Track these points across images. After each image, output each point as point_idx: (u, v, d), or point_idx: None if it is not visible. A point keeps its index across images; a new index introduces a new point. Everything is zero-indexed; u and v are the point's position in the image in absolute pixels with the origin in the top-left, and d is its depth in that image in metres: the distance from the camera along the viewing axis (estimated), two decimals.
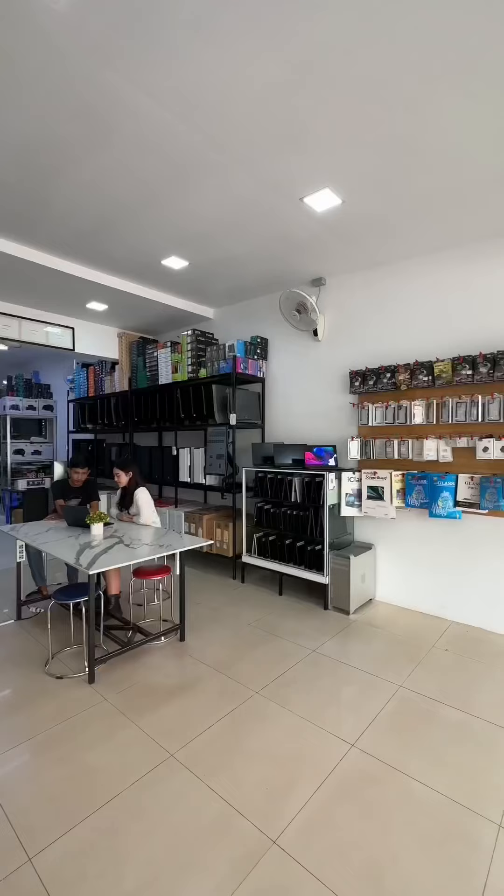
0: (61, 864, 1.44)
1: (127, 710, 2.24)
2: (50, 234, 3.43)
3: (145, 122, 2.18)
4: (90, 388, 6.33)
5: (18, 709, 2.26)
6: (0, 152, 2.44)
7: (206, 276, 4.26)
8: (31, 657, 2.78)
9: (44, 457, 7.89)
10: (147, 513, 3.52)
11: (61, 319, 5.32)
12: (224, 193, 2.81)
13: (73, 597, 2.73)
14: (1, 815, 1.63)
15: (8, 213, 3.10)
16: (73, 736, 2.06)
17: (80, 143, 2.35)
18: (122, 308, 5.05)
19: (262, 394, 4.74)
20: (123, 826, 1.58)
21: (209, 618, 3.39)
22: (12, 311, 4.85)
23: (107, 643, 2.90)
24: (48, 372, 8.36)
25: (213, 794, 1.73)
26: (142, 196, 2.86)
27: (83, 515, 3.30)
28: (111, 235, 3.43)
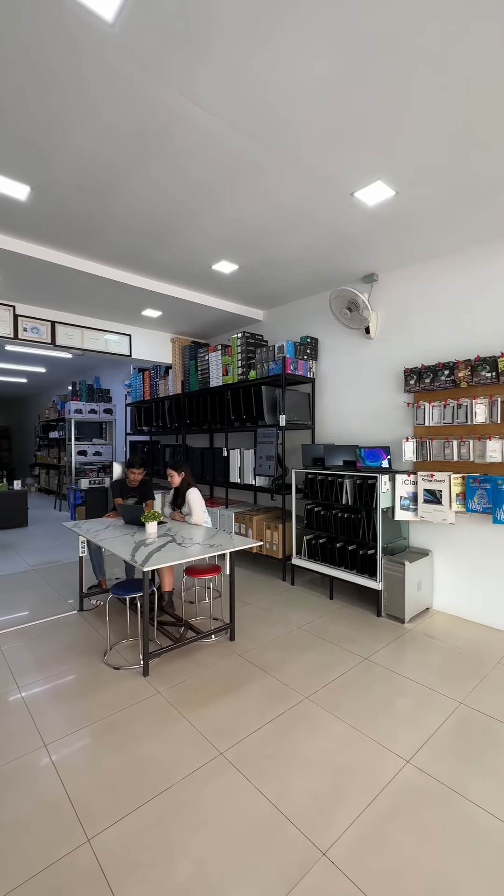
0: (116, 849, 1.50)
1: (179, 705, 2.30)
2: (108, 247, 3.62)
3: (196, 131, 2.24)
4: (145, 392, 6.60)
5: (81, 695, 2.40)
6: (63, 176, 2.62)
7: (256, 279, 4.29)
8: (92, 647, 2.95)
9: (104, 457, 8.35)
10: (198, 513, 3.60)
11: (119, 327, 5.60)
12: (272, 195, 2.81)
13: (129, 591, 2.85)
14: (63, 794, 1.74)
15: (70, 230, 3.31)
16: (129, 725, 2.15)
17: (135, 159, 2.46)
18: (175, 314, 5.21)
19: (311, 394, 4.68)
20: (174, 819, 1.63)
21: (258, 618, 3.40)
22: (76, 321, 5.19)
23: (160, 638, 3.01)
24: (108, 377, 8.83)
25: (262, 798, 1.72)
26: (192, 204, 2.94)
27: (139, 514, 3.44)
28: (164, 244, 3.55)
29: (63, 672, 2.64)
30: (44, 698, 2.37)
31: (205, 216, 3.09)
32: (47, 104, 2.06)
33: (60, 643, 3.00)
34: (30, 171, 2.58)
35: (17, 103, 2.06)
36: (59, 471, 9.63)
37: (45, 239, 3.47)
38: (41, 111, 2.11)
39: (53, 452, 10.09)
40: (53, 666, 2.71)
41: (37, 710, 2.27)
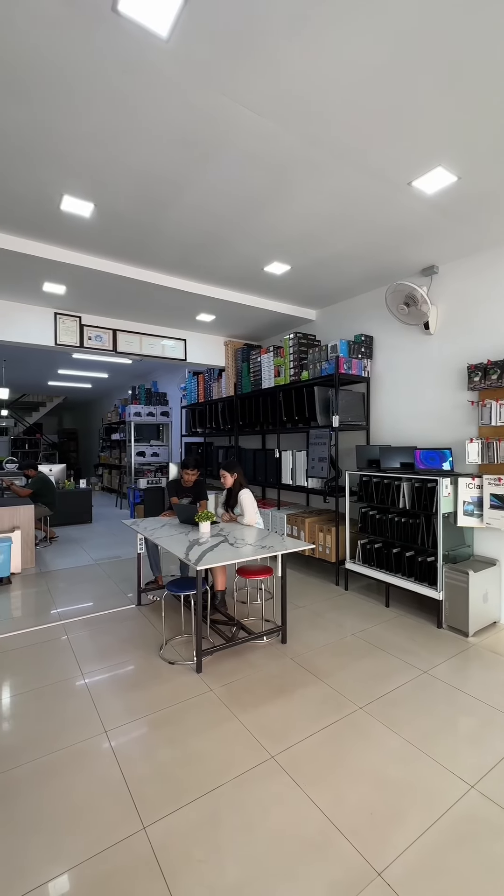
0: (170, 840, 1.54)
1: (230, 704, 2.33)
2: (164, 256, 3.76)
3: (247, 135, 2.25)
4: (200, 395, 6.77)
5: (138, 686, 2.50)
6: (123, 191, 2.75)
7: (308, 278, 4.24)
8: (148, 640, 3.07)
9: (161, 458, 8.68)
10: (250, 513, 3.62)
11: (175, 332, 5.80)
12: (324, 192, 2.76)
13: (183, 589, 2.93)
14: (121, 780, 1.82)
15: (127, 242, 3.48)
16: (183, 720, 2.20)
17: (188, 167, 2.53)
18: (228, 317, 5.30)
19: (366, 394, 4.54)
20: (224, 818, 1.64)
21: (311, 623, 3.35)
22: (134, 328, 5.44)
23: (213, 636, 3.06)
24: (165, 381, 9.18)
25: (314, 807, 1.69)
26: (243, 208, 2.96)
27: (193, 513, 3.53)
28: (216, 250, 3.62)
29: (122, 663, 2.77)
30: (104, 686, 2.50)
31: (256, 219, 3.11)
32: (107, 123, 2.18)
33: (120, 635, 3.16)
34: (93, 189, 2.75)
35: (80, 125, 2.21)
36: (120, 471, 10.16)
37: (106, 252, 3.68)
38: (102, 131, 2.24)
39: (115, 453, 10.67)
40: (113, 656, 2.85)
41: (98, 696, 2.40)
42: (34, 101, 2.04)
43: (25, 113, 2.11)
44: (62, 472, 7.86)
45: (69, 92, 1.98)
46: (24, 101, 2.04)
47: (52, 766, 1.89)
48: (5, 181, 2.67)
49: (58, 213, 3.03)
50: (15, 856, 1.49)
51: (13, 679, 2.59)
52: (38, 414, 14.33)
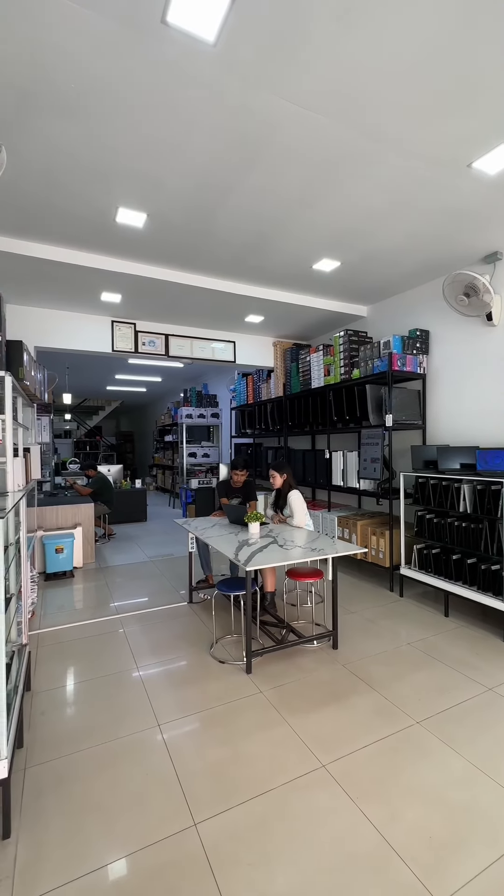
0: (220, 841, 1.55)
1: (280, 707, 2.30)
2: (213, 260, 3.82)
3: (295, 131, 2.22)
4: (249, 396, 6.81)
5: (189, 683, 2.55)
6: (173, 199, 2.83)
7: (359, 274, 4.12)
8: (199, 638, 3.12)
9: (211, 459, 8.84)
10: (300, 515, 3.57)
11: (224, 335, 5.88)
12: (375, 182, 2.66)
13: (232, 589, 2.95)
14: (173, 774, 1.85)
15: (178, 248, 3.57)
16: (232, 720, 2.21)
17: (236, 170, 2.54)
18: (277, 317, 5.28)
19: (422, 391, 4.32)
20: (274, 824, 1.61)
21: (363, 629, 3.23)
22: (185, 332, 5.59)
23: (262, 637, 3.05)
24: (215, 383, 9.35)
25: (367, 823, 1.62)
26: (291, 206, 2.93)
27: (242, 514, 3.55)
28: (265, 250, 3.62)
29: (174, 658, 2.84)
30: (158, 680, 2.58)
31: (304, 217, 3.07)
32: (158, 134, 2.25)
33: (172, 631, 3.24)
34: (146, 199, 2.85)
35: (132, 138, 2.29)
36: (172, 471, 10.49)
37: (159, 260, 3.80)
38: (153, 142, 2.31)
39: (168, 454, 11.03)
40: (166, 652, 2.93)
41: (152, 689, 2.48)
42: (88, 118, 2.15)
43: (80, 131, 2.23)
44: (119, 472, 8.25)
45: (121, 107, 2.07)
46: (79, 120, 2.16)
47: (109, 754, 1.97)
48: (66, 199, 2.84)
49: (113, 225, 3.17)
50: (75, 836, 1.56)
51: (77, 667, 2.75)
52: (98, 417, 15.17)
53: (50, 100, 2.02)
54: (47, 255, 3.53)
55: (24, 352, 2.97)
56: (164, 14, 1.60)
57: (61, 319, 4.93)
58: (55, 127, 2.19)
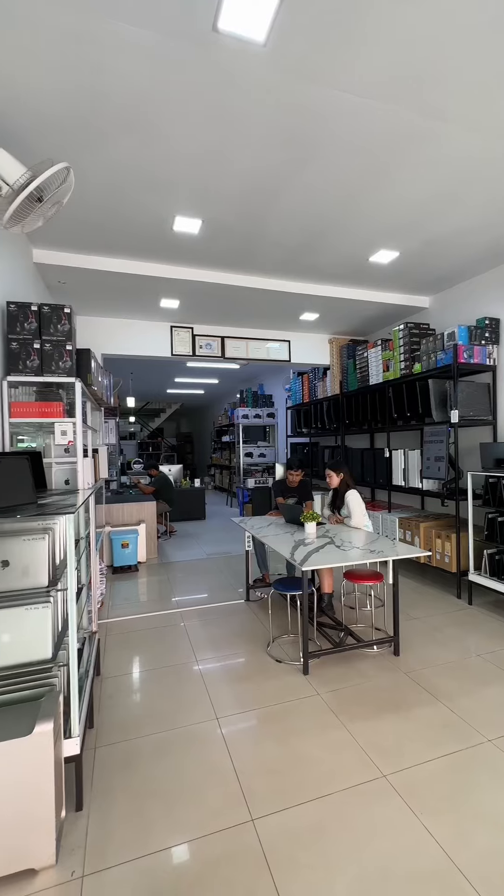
0: (278, 839, 1.54)
1: (338, 711, 2.25)
2: (265, 260, 3.83)
3: (349, 122, 2.17)
4: (304, 395, 6.75)
5: (247, 679, 2.58)
6: (226, 202, 2.88)
7: (420, 263, 3.92)
8: (256, 636, 3.14)
9: (267, 459, 8.87)
10: (358, 515, 3.47)
11: (279, 335, 5.88)
12: (437, 165, 2.52)
13: (289, 589, 2.94)
14: (231, 768, 1.88)
15: (232, 251, 3.63)
16: (289, 720, 2.20)
17: (287, 168, 2.53)
18: (332, 314, 5.18)
19: (492, 384, 4.01)
20: (333, 829, 1.58)
21: (427, 637, 3.07)
22: (240, 333, 5.66)
23: (319, 639, 3.00)
24: (270, 383, 9.38)
25: (432, 840, 1.53)
26: (345, 199, 2.86)
27: (298, 513, 3.52)
28: (318, 247, 3.56)
29: (232, 655, 2.88)
30: (216, 674, 2.64)
31: (359, 209, 2.98)
32: (212, 140, 2.30)
33: (230, 628, 3.30)
34: (201, 205, 2.93)
35: (187, 147, 2.37)
36: (229, 471, 10.68)
37: (213, 264, 3.89)
38: (207, 148, 2.37)
39: (225, 454, 11.25)
40: (224, 647, 2.98)
41: (210, 683, 2.54)
42: (146, 133, 2.25)
43: (139, 146, 2.34)
44: (179, 471, 8.55)
45: (176, 118, 2.14)
46: (137, 136, 2.27)
47: (170, 742, 2.05)
48: (127, 212, 3.00)
49: (171, 233, 3.30)
50: (139, 817, 1.64)
51: (141, 656, 2.90)
52: (160, 420, 15.86)
53: (110, 119, 2.15)
54: (112, 267, 3.75)
55: (91, 359, 3.19)
56: (216, 22, 1.63)
57: (124, 327, 5.22)
58: (116, 144, 2.33)
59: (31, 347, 2.61)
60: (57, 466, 2.81)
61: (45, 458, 2.74)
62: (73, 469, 2.80)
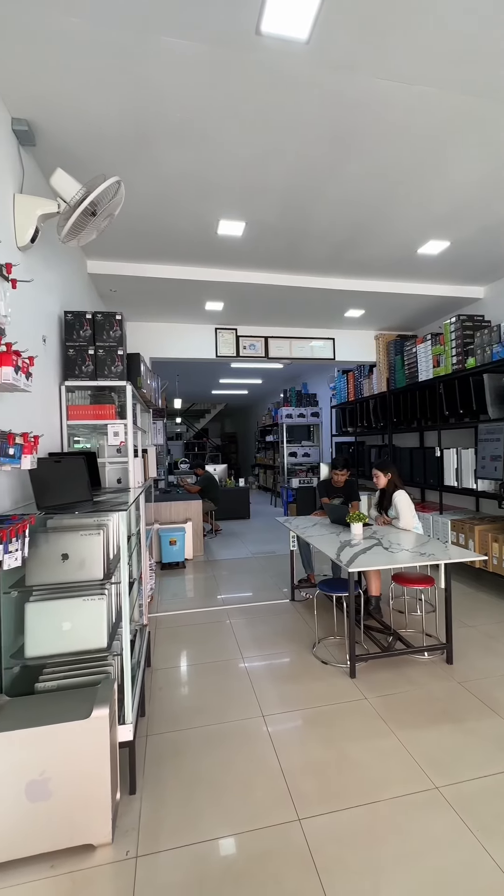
0: (325, 841, 1.53)
1: (387, 718, 2.19)
2: (309, 258, 3.80)
3: (397, 108, 2.11)
4: (349, 393, 6.61)
5: (292, 679, 2.58)
6: (270, 203, 2.89)
7: (474, 252, 3.73)
8: (301, 636, 3.13)
9: (312, 458, 8.79)
10: (407, 517, 3.36)
11: (323, 332, 5.80)
12: (490, 147, 2.38)
13: (335, 590, 2.90)
14: (277, 766, 1.89)
15: (275, 251, 3.63)
16: (336, 723, 2.17)
17: (331, 163, 2.50)
18: (378, 309, 5.04)
19: None
20: (383, 837, 1.54)
21: (483, 646, 2.91)
22: (284, 333, 5.65)
23: (366, 642, 2.93)
24: (314, 382, 9.28)
25: (490, 860, 1.45)
26: (393, 190, 2.78)
27: (343, 514, 3.47)
28: (364, 241, 3.49)
29: (277, 654, 2.89)
30: (261, 673, 2.65)
31: (408, 198, 2.88)
32: (255, 142, 2.32)
33: (275, 627, 3.30)
34: (244, 208, 2.96)
35: (231, 152, 2.40)
36: (273, 470, 10.69)
37: (256, 264, 3.92)
38: (251, 151, 2.39)
39: (269, 454, 11.26)
40: (269, 646, 3.00)
41: (256, 681, 2.56)
42: (191, 142, 2.31)
43: (185, 154, 2.41)
44: (224, 471, 8.68)
45: (220, 124, 2.18)
46: (183, 145, 2.33)
47: (218, 735, 2.10)
48: (174, 220, 3.09)
49: (215, 238, 3.36)
50: (188, 805, 1.69)
51: (188, 650, 2.98)
52: (205, 420, 16.18)
53: (158, 132, 2.23)
54: (159, 273, 3.88)
55: (141, 363, 3.32)
56: (259, 25, 1.64)
57: (171, 331, 5.38)
58: (164, 155, 2.41)
59: (86, 353, 2.77)
60: (110, 466, 2.95)
61: (99, 458, 2.89)
62: (125, 468, 2.93)
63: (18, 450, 1.44)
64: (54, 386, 2.65)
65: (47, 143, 2.26)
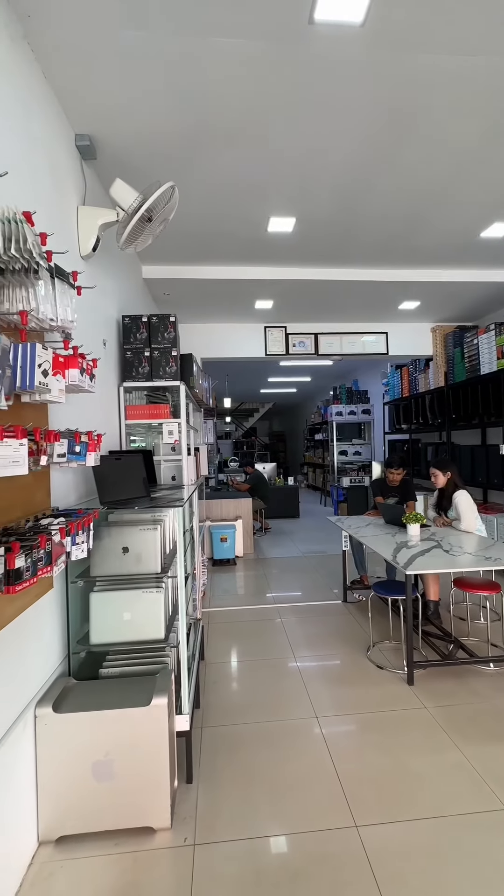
0: (385, 851, 1.47)
1: (450, 730, 2.07)
2: (361, 250, 3.69)
3: (459, 83, 1.99)
4: (404, 389, 6.35)
5: (345, 682, 2.52)
6: (321, 196, 2.84)
7: None
8: (355, 639, 3.05)
9: (363, 457, 8.56)
10: (469, 518, 3.17)
11: (375, 327, 5.62)
12: None
13: (391, 593, 2.79)
14: (332, 770, 1.85)
15: (325, 245, 3.57)
16: (394, 731, 2.09)
17: (384, 150, 2.41)
18: (435, 300, 4.80)
19: None
20: (448, 855, 1.46)
21: None
22: (334, 329, 5.54)
23: (425, 649, 2.80)
24: (365, 378, 9.02)
25: None
26: (453, 172, 2.63)
27: (399, 514, 3.33)
28: (420, 229, 3.33)
29: (329, 655, 2.84)
30: (313, 673, 2.62)
31: (468, 181, 2.71)
32: (307, 136, 2.29)
33: (326, 628, 3.25)
34: (294, 203, 2.93)
35: (282, 148, 2.38)
36: (323, 469, 10.53)
37: (306, 260, 3.87)
38: (302, 145, 2.36)
39: (318, 453, 11.12)
40: (321, 647, 2.95)
41: (308, 681, 2.53)
42: (243, 140, 2.31)
43: (236, 154, 2.42)
44: (274, 469, 8.69)
45: (275, 121, 2.17)
46: (235, 144, 2.34)
47: (271, 733, 2.09)
48: (225, 220, 3.13)
49: (265, 235, 3.36)
50: (243, 799, 1.70)
51: (240, 646, 3.01)
52: (253, 419, 16.28)
53: (211, 134, 2.26)
54: (209, 274, 3.95)
55: (193, 363, 3.39)
56: (312, 15, 1.61)
57: (221, 331, 5.46)
58: (217, 157, 2.44)
59: (142, 355, 2.87)
60: (164, 463, 3.05)
61: (154, 455, 2.99)
62: (179, 466, 3.01)
63: (84, 447, 1.52)
64: (113, 387, 2.78)
65: (106, 154, 2.37)
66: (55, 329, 1.37)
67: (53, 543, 1.24)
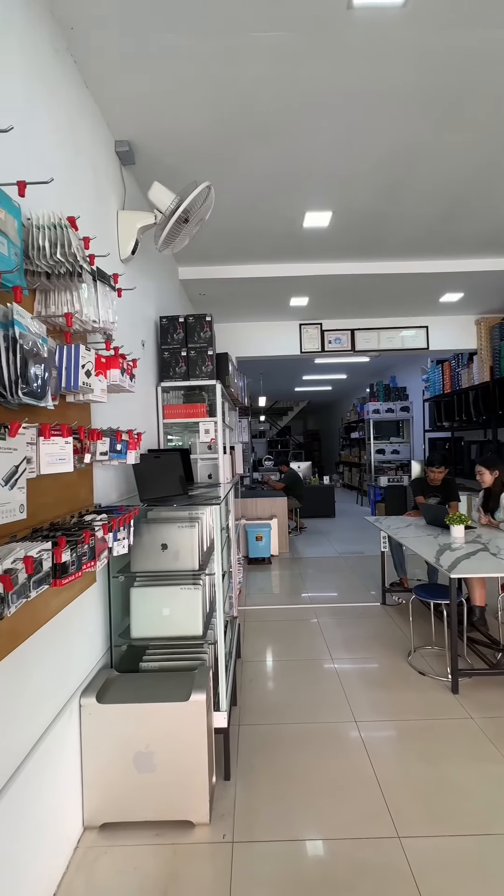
0: (429, 866, 1.42)
1: (498, 743, 1.97)
2: (399, 241, 3.57)
3: None
4: (445, 385, 6.10)
5: (385, 687, 2.45)
6: (358, 187, 2.76)
7: None
8: (394, 642, 2.96)
9: (401, 456, 8.31)
10: None
11: (414, 321, 5.43)
12: None
13: (433, 596, 2.69)
14: (373, 776, 1.80)
15: (362, 238, 3.47)
16: (437, 740, 2.01)
17: (427, 135, 2.31)
18: (480, 291, 4.57)
19: None
20: (495, 876, 1.38)
21: None
22: (371, 324, 5.39)
23: (470, 656, 2.68)
24: (403, 374, 8.74)
25: None
26: (498, 156, 2.48)
27: (442, 515, 3.20)
28: (462, 216, 3.18)
29: (368, 658, 2.77)
30: (352, 676, 2.56)
31: None
32: (344, 127, 2.23)
33: (365, 630, 3.17)
34: (330, 196, 2.88)
35: (321, 141, 2.33)
36: (359, 468, 10.31)
37: (342, 255, 3.79)
38: (339, 138, 2.30)
39: (354, 451, 10.90)
40: (359, 650, 2.89)
41: (346, 683, 2.48)
42: (279, 135, 2.29)
43: (272, 149, 2.40)
44: (308, 468, 8.60)
45: (312, 113, 2.13)
46: (271, 141, 2.32)
47: (308, 735, 2.07)
48: (258, 218, 3.11)
49: (300, 231, 3.32)
50: (280, 800, 1.69)
51: (276, 646, 3.00)
52: (287, 418, 16.18)
53: (248, 131, 2.25)
54: (244, 273, 3.95)
55: (229, 362, 3.41)
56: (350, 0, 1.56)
57: (256, 330, 5.45)
58: (251, 152, 2.43)
59: (179, 355, 2.91)
60: (201, 462, 3.08)
61: (191, 454, 3.02)
62: (215, 464, 3.04)
63: (125, 446, 1.55)
64: (152, 387, 2.84)
65: (143, 158, 2.41)
66: (97, 331, 1.41)
67: (97, 539, 1.28)
